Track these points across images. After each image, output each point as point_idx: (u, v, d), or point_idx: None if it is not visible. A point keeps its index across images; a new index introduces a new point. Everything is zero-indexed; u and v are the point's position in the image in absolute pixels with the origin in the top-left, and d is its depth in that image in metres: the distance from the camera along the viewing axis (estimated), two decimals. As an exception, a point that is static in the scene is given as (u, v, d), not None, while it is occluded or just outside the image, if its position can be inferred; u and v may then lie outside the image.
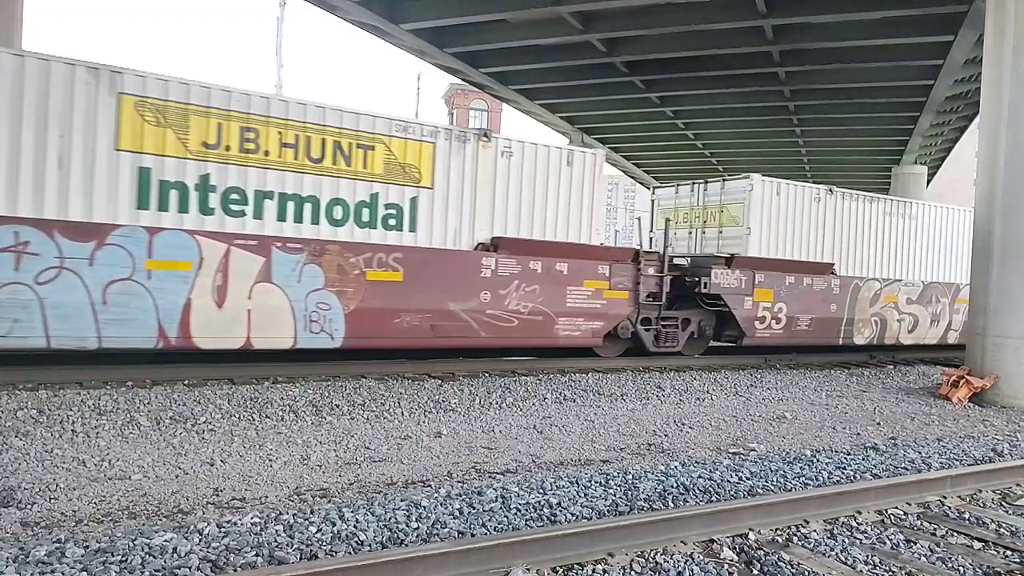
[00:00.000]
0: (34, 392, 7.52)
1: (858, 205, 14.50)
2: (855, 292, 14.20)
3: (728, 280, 12.60)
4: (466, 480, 5.65)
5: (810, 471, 6.07)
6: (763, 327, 13.02)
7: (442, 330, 9.88)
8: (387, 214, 9.68)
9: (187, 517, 4.53)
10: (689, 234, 14.48)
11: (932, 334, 15.51)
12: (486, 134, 10.40)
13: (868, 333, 14.41)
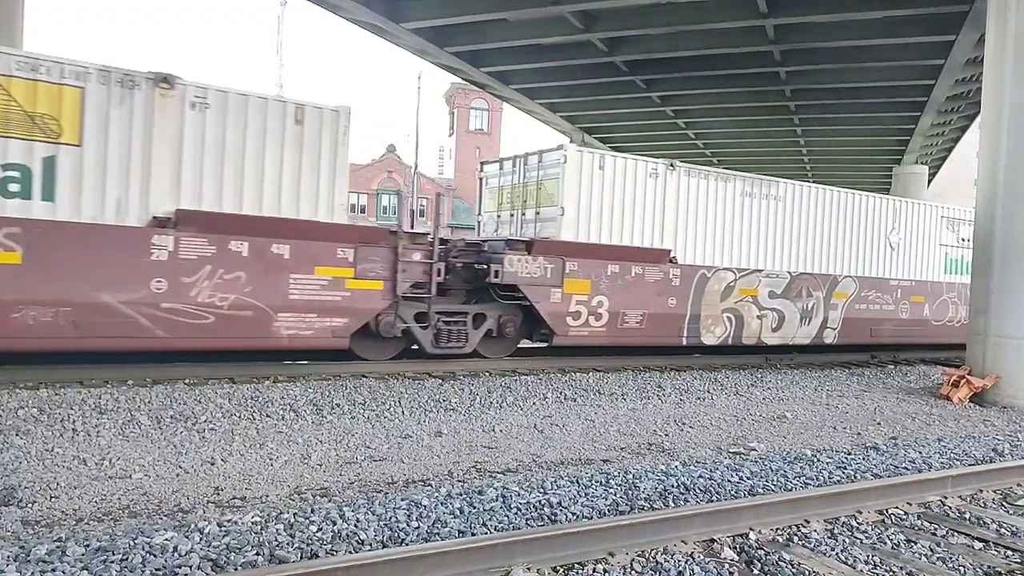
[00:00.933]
0: (35, 391, 7.52)
1: (708, 184, 12.65)
2: (701, 284, 12.32)
3: (527, 269, 10.63)
4: (467, 479, 5.65)
5: (811, 471, 6.06)
6: (578, 324, 11.14)
7: (91, 328, 7.87)
8: (5, 177, 7.61)
9: (188, 516, 4.53)
10: (511, 216, 12.56)
11: (803, 333, 13.71)
12: (166, 79, 8.34)
13: (720, 331, 12.56)
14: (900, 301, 14.94)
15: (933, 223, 15.74)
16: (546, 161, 11.73)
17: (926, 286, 15.39)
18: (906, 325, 15.01)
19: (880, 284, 14.70)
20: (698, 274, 12.37)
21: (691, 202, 12.51)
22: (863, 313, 14.43)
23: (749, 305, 12.95)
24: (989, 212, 11.17)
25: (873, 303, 14.58)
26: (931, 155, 31.14)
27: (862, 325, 14.39)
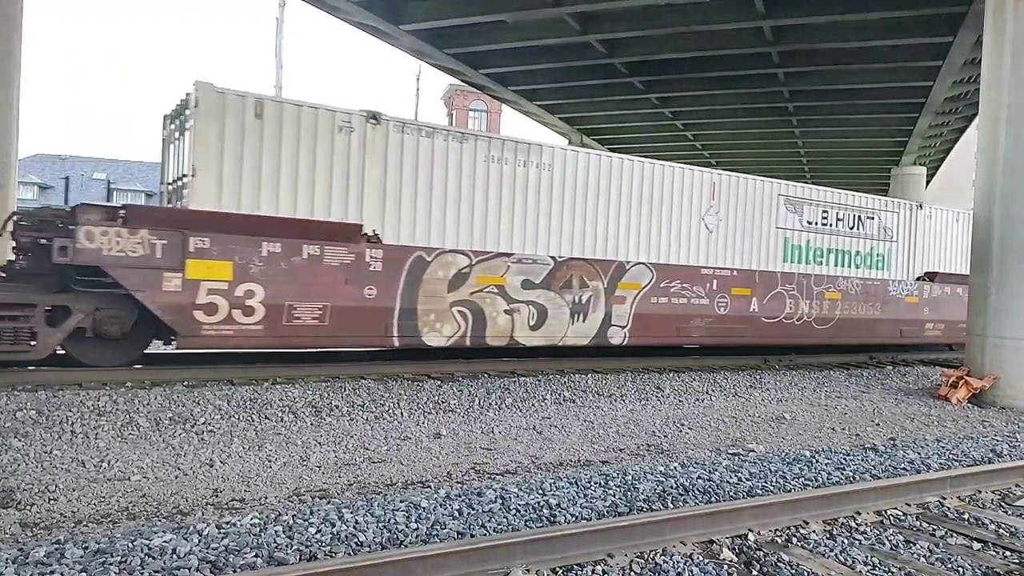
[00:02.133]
0: (33, 393, 7.51)
1: (434, 144, 10.26)
2: (417, 270, 9.79)
3: (119, 245, 7.99)
4: (465, 481, 5.65)
5: (809, 472, 6.07)
6: (216, 321, 8.51)
7: None
8: None
9: (186, 518, 4.53)
10: None
11: (577, 331, 11.31)
12: None
13: (450, 330, 10.11)
14: (717, 294, 12.66)
15: (767, 202, 13.77)
16: (189, 111, 9.07)
17: (753, 277, 13.21)
18: (725, 322, 12.81)
19: (688, 273, 12.42)
20: (412, 257, 9.78)
21: (406, 167, 10.08)
22: (664, 308, 12.09)
23: (493, 297, 10.44)
24: (987, 213, 11.19)
25: (678, 296, 12.24)
26: (929, 156, 31.18)
27: (664, 322, 12.12)
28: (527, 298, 10.80)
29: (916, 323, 15.52)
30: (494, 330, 10.53)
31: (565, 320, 11.18)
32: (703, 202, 13.04)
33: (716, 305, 12.74)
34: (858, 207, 15.18)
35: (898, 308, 15.14)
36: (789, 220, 14.13)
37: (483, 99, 45.44)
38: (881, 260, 15.49)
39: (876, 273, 15.33)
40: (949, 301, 15.80)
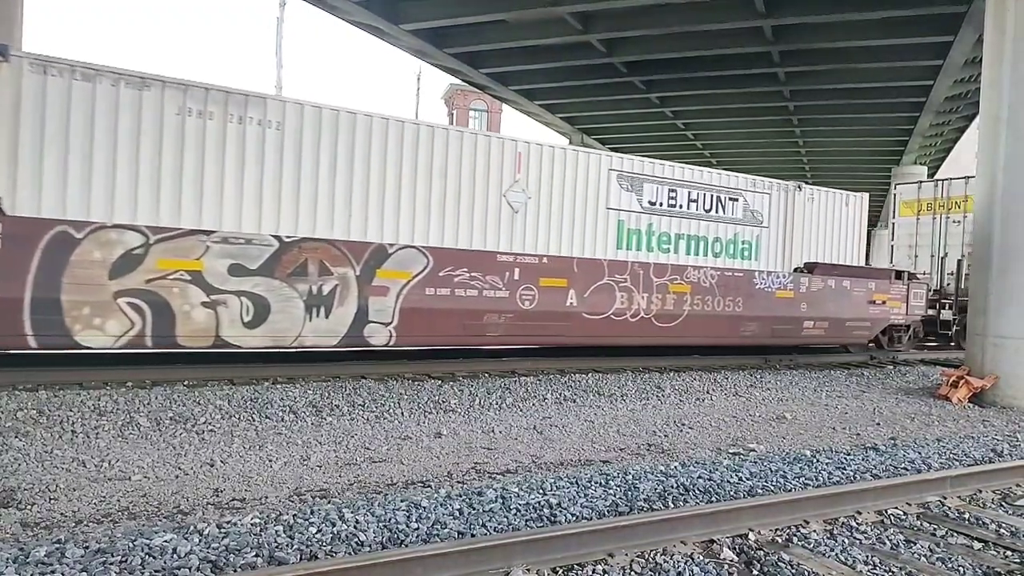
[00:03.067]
0: (34, 393, 7.51)
1: (94, 89, 8.09)
2: (60, 249, 7.65)
3: None
4: (466, 480, 5.65)
5: (810, 471, 6.06)
6: None
7: None
8: None
9: (187, 518, 4.53)
10: None
11: (317, 328, 9.08)
12: None
13: (115, 327, 7.93)
14: (520, 285, 10.49)
15: (594, 178, 11.75)
16: None
17: (570, 265, 11.02)
18: (533, 319, 10.67)
19: (479, 260, 10.19)
20: (51, 234, 7.63)
21: (51, 118, 7.92)
22: (445, 302, 9.87)
23: (184, 286, 8.25)
24: (987, 212, 11.18)
25: (466, 287, 10.02)
26: (930, 155, 31.23)
27: (446, 319, 9.93)
28: (238, 288, 8.54)
29: (791, 321, 13.50)
30: (188, 328, 8.31)
31: (298, 316, 8.92)
32: (505, 176, 10.82)
33: (519, 299, 10.49)
34: (717, 187, 13.26)
35: (768, 304, 13.09)
36: (624, 200, 12.05)
37: (484, 99, 45.44)
38: (748, 248, 13.60)
39: (742, 263, 13.43)
40: (833, 296, 13.90)
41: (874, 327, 14.78)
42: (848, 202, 15.05)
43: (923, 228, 18.39)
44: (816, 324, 13.84)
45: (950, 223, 17.84)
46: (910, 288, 15.22)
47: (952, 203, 17.76)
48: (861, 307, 14.35)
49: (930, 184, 18.72)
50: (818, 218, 14.58)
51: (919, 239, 18.50)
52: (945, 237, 17.95)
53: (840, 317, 14.11)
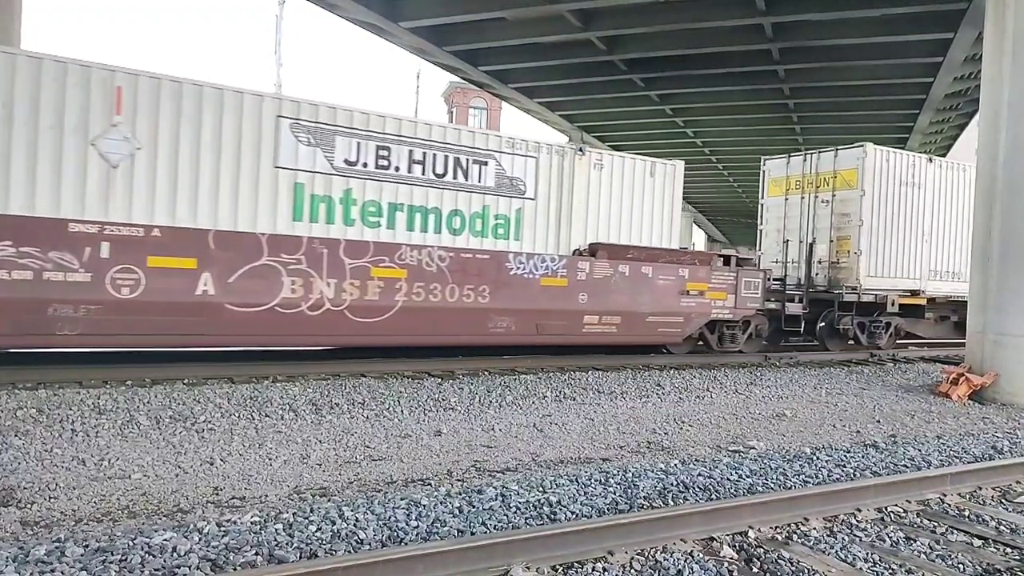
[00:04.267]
0: (33, 391, 7.51)
1: None
2: None
3: None
4: (466, 478, 5.65)
5: (810, 469, 6.06)
6: None
7: None
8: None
9: (187, 516, 4.53)
10: None
11: None
12: None
13: None
14: (110, 266, 8.08)
15: (255, 127, 9.05)
16: None
17: (203, 239, 8.61)
18: (135, 311, 8.21)
19: (34, 230, 7.81)
20: None
21: None
22: None
23: None
24: (987, 210, 11.17)
25: (18, 267, 7.70)
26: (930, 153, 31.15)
27: None
28: None
29: (564, 315, 11.12)
30: None
31: None
32: (95, 118, 8.17)
33: (111, 284, 8.08)
34: (455, 146, 10.53)
35: (528, 294, 10.81)
36: (305, 157, 9.37)
37: (483, 97, 45.42)
38: (504, 225, 10.95)
39: (495, 243, 10.84)
40: (628, 285, 11.64)
41: (689, 323, 12.45)
42: (654, 171, 12.46)
43: (791, 210, 16.18)
44: (603, 319, 11.46)
45: (818, 203, 15.66)
46: (740, 277, 12.95)
47: (821, 180, 15.63)
48: (669, 299, 12.05)
49: (799, 158, 16.18)
50: (611, 189, 12.02)
51: (787, 222, 16.29)
52: (813, 220, 15.79)
53: (638, 311, 11.75)
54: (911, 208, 15.48)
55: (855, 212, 14.87)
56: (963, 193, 15.82)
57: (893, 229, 15.26)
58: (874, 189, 14.88)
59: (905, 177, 15.29)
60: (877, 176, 14.92)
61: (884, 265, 15.18)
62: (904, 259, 15.48)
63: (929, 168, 15.73)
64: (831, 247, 15.42)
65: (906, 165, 15.38)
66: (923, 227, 15.69)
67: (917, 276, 15.69)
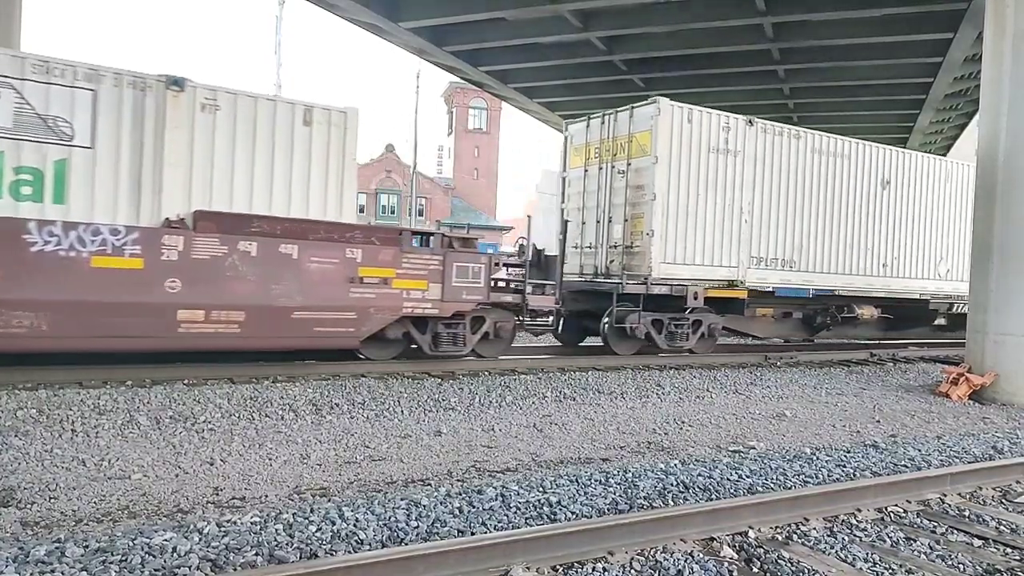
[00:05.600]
0: (34, 392, 7.51)
1: None
2: None
3: None
4: (466, 479, 5.65)
5: (810, 469, 6.06)
6: None
7: None
8: None
9: (187, 516, 4.53)
10: None
11: None
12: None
13: None
14: None
15: None
16: None
17: None
18: None
19: None
20: None
21: None
22: None
23: None
24: (988, 209, 11.17)
25: None
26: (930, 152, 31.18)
27: None
28: None
29: (141, 310, 8.09)
30: None
31: None
32: None
33: None
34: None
35: (70, 280, 7.76)
36: None
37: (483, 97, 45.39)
38: (35, 182, 8.21)
39: (17, 208, 8.04)
40: (253, 268, 8.68)
41: (366, 321, 9.45)
42: (310, 118, 9.63)
43: (591, 183, 13.39)
44: (214, 316, 8.53)
45: (615, 174, 12.80)
46: (450, 261, 9.98)
47: (618, 146, 12.78)
48: (331, 288, 9.12)
49: (598, 120, 13.35)
50: (235, 141, 9.20)
51: (586, 199, 13.51)
52: (609, 195, 12.91)
53: (274, 304, 8.81)
54: (725, 181, 12.77)
55: (648, 184, 12.03)
56: (801, 164, 13.77)
57: (699, 206, 12.49)
58: (671, 155, 12.09)
59: (716, 142, 12.62)
60: (675, 140, 12.13)
61: (686, 250, 12.41)
62: (715, 243, 12.76)
63: (749, 132, 13.10)
64: (625, 227, 12.53)
65: (717, 127, 12.69)
66: (742, 204, 13.02)
67: (734, 264, 13.00)
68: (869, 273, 15.11)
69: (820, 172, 14.13)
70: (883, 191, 15.15)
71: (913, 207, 15.79)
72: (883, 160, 15.17)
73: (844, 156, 14.51)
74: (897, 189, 15.42)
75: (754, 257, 13.26)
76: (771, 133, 13.48)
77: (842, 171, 14.49)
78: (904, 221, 15.65)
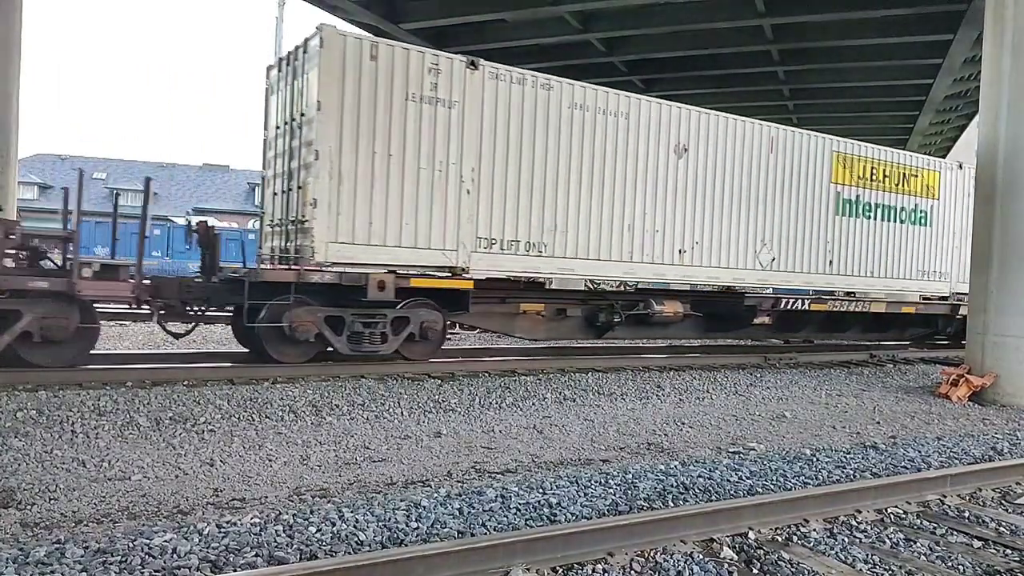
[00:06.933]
0: (34, 393, 7.51)
1: None
2: None
3: None
4: (466, 480, 5.65)
5: (810, 470, 6.06)
6: None
7: None
8: None
9: (187, 517, 4.53)
10: None
11: None
12: None
13: None
14: None
15: None
16: None
17: None
18: None
19: None
20: None
21: None
22: None
23: None
24: (988, 210, 11.17)
25: None
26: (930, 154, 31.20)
27: None
28: None
29: None
30: None
31: None
32: None
33: None
34: None
35: None
36: None
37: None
38: None
39: None
40: None
41: None
42: None
43: (280, 143, 10.61)
44: None
45: (295, 128, 9.94)
46: None
47: (297, 91, 9.95)
48: None
49: (285, 62, 10.50)
50: None
51: (276, 163, 10.75)
52: (290, 156, 10.06)
53: None
54: (434, 140, 9.94)
55: (314, 139, 9.35)
56: (555, 122, 11.10)
57: (392, 171, 9.67)
58: (344, 102, 9.32)
59: (419, 88, 9.79)
60: (350, 82, 9.38)
61: (371, 227, 9.59)
62: (422, 220, 9.94)
63: (473, 78, 10.24)
64: (297, 197, 9.79)
65: (419, 69, 9.77)
66: (463, 171, 10.20)
67: (451, 246, 10.16)
68: (661, 261, 12.14)
69: (585, 133, 11.33)
70: (678, 160, 12.20)
71: (722, 181, 12.74)
72: (677, 121, 12.25)
73: (620, 115, 11.66)
74: (699, 158, 12.46)
75: (483, 239, 10.41)
76: (507, 81, 10.60)
77: (617, 133, 11.59)
78: (709, 198, 12.61)
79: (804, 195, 13.91)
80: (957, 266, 16.06)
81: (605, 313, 12.31)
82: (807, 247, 14.01)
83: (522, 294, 11.78)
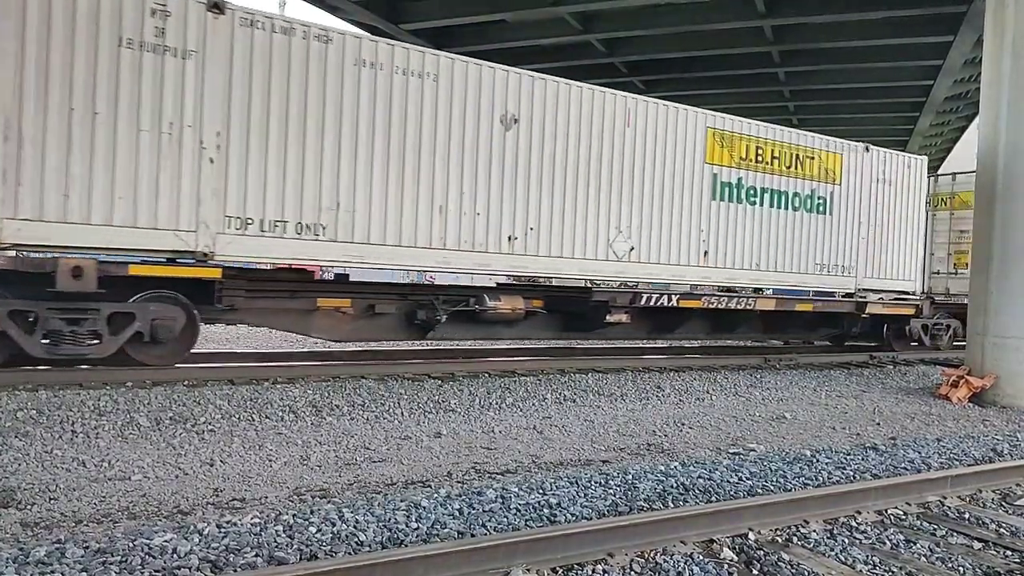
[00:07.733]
0: (34, 393, 7.51)
1: None
2: None
3: None
4: (466, 480, 5.65)
5: (810, 471, 6.06)
6: None
7: None
8: None
9: (187, 517, 4.53)
10: None
11: None
12: None
13: None
14: None
15: None
16: None
17: None
18: None
19: None
20: None
21: None
22: None
23: None
24: (988, 211, 11.17)
25: None
26: (930, 156, 31.15)
27: None
28: None
29: None
30: None
31: None
32: None
33: None
34: None
35: None
36: None
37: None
38: None
39: None
40: None
41: None
42: None
43: None
44: None
45: None
46: None
47: None
48: None
49: None
50: None
51: None
52: None
53: None
54: (162, 97, 8.11)
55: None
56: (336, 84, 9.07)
57: (96, 129, 7.83)
58: (23, 41, 7.44)
59: (136, 32, 7.92)
60: (34, 19, 7.46)
61: (64, 200, 7.76)
62: (146, 193, 8.12)
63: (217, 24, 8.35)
64: None
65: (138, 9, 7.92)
66: (203, 136, 8.33)
67: (188, 227, 8.37)
68: (485, 249, 10.29)
69: (379, 96, 9.39)
70: (506, 132, 10.42)
71: (564, 159, 10.96)
72: (503, 86, 10.45)
73: (426, 76, 9.70)
74: (533, 130, 10.67)
75: (234, 218, 8.58)
76: (266, 29, 8.60)
77: (423, 97, 9.67)
78: (548, 178, 10.79)
79: (671, 177, 11.92)
80: (864, 260, 14.41)
81: (426, 310, 10.41)
82: (676, 236, 12.01)
83: (320, 287, 10.15)
